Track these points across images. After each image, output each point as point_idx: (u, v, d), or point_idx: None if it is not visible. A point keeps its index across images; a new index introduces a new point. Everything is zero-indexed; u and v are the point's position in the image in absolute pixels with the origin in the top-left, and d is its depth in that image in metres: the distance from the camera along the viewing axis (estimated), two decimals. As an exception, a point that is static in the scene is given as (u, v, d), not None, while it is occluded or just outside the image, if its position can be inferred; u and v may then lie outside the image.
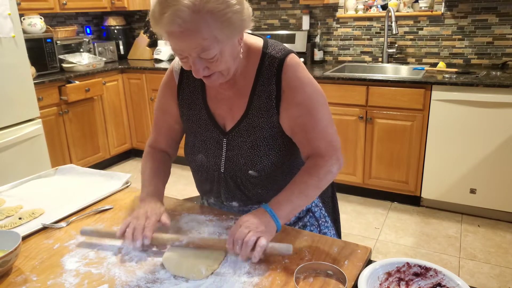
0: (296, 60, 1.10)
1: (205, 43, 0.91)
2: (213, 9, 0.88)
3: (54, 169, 1.54)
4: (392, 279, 0.90)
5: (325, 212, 1.33)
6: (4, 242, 0.99)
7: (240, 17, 0.94)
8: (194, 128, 1.20)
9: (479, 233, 2.68)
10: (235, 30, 0.94)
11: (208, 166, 1.19)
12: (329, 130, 1.12)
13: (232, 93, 1.13)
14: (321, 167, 1.09)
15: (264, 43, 1.12)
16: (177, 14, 0.87)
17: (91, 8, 3.88)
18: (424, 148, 2.84)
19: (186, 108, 1.20)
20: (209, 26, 0.89)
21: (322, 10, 3.57)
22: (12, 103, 2.76)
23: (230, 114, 1.14)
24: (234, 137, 1.14)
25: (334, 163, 1.11)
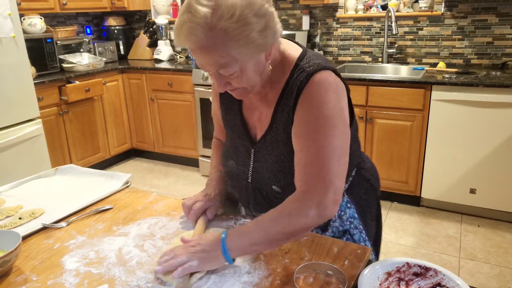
0: (327, 78, 0.98)
1: (222, 60, 0.89)
2: (226, 28, 0.85)
3: (54, 169, 1.54)
4: (392, 279, 0.90)
5: (365, 235, 1.20)
6: (4, 242, 0.99)
7: (263, 35, 0.89)
8: (229, 133, 1.20)
9: (479, 233, 2.68)
10: (256, 49, 0.90)
11: (238, 173, 1.17)
12: (329, 166, 0.94)
13: (262, 103, 1.09)
14: (297, 206, 0.94)
15: (301, 54, 1.03)
16: (191, 31, 0.85)
17: (91, 8, 3.88)
18: (424, 148, 2.84)
19: (224, 113, 1.20)
20: (224, 44, 0.86)
21: (322, 10, 3.57)
22: (12, 103, 2.76)
23: (259, 124, 1.11)
24: (261, 149, 1.10)
25: (313, 207, 0.92)
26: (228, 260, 0.92)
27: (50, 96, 3.23)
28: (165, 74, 3.70)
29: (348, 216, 1.17)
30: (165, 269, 0.90)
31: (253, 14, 0.86)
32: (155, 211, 1.24)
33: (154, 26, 4.16)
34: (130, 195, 1.34)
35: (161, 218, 1.20)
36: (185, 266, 0.89)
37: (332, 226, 1.16)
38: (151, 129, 3.96)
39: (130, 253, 1.02)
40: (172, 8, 4.11)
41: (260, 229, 0.93)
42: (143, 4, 4.11)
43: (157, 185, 3.51)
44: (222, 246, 0.91)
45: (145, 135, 4.02)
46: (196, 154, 3.71)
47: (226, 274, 0.93)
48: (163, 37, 4.08)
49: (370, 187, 1.25)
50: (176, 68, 3.65)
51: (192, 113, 3.64)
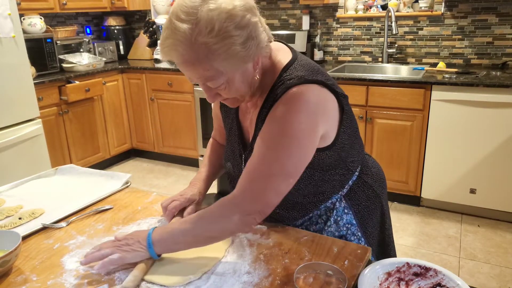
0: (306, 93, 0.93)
1: (207, 73, 0.89)
2: (207, 43, 0.84)
3: (54, 169, 1.54)
4: (392, 279, 0.90)
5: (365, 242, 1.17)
6: (4, 242, 0.99)
7: (245, 46, 0.87)
8: (227, 136, 1.22)
9: (479, 233, 2.68)
10: (239, 61, 0.89)
11: (234, 175, 1.19)
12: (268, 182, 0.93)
13: (254, 111, 1.09)
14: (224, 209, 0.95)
15: (288, 63, 1.01)
16: (173, 47, 0.86)
17: (91, 8, 3.88)
18: (424, 148, 2.84)
19: (224, 115, 1.22)
20: (207, 58, 0.86)
21: (322, 10, 3.57)
22: (12, 103, 2.76)
23: (251, 130, 1.11)
24: (249, 154, 1.08)
25: (238, 212, 0.93)
26: (152, 255, 0.94)
27: (50, 96, 3.23)
28: (165, 74, 3.70)
29: (345, 221, 1.15)
30: (87, 261, 0.94)
31: (233, 26, 0.85)
32: (155, 211, 1.24)
33: (154, 26, 4.16)
34: (130, 195, 1.34)
35: (161, 218, 1.20)
36: (106, 260, 0.92)
37: (327, 231, 1.14)
38: (151, 129, 3.96)
39: (130, 253, 1.02)
40: (172, 8, 4.11)
41: (184, 230, 0.96)
42: (143, 4, 4.11)
43: (157, 185, 3.51)
44: (147, 240, 0.94)
45: (145, 135, 4.02)
46: (196, 154, 3.71)
47: (226, 274, 0.93)
48: (163, 37, 4.07)
49: (372, 194, 1.20)
50: (176, 68, 3.65)
51: (192, 113, 3.64)
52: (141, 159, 4.21)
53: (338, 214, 1.14)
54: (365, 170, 1.20)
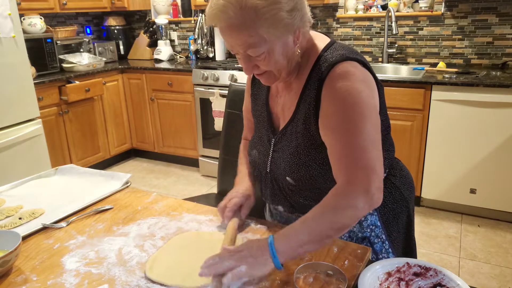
0: (349, 68, 0.96)
1: (250, 40, 0.90)
2: (256, 5, 0.87)
3: (54, 169, 1.53)
4: (392, 279, 0.89)
5: (389, 246, 1.14)
6: (4, 242, 0.99)
7: (291, 15, 0.90)
8: (256, 123, 1.22)
9: (479, 233, 2.68)
10: (284, 29, 0.91)
11: (259, 163, 1.19)
12: (367, 153, 0.91)
13: (287, 93, 1.10)
14: (342, 198, 0.91)
15: (328, 44, 1.03)
16: (223, 9, 0.88)
17: (91, 8, 3.88)
18: (424, 148, 2.84)
19: (254, 103, 1.23)
20: (254, 23, 0.88)
21: (322, 10, 3.57)
22: (12, 103, 2.76)
23: (283, 115, 1.12)
24: (281, 139, 1.11)
25: (360, 196, 0.90)
26: (277, 265, 0.85)
27: (50, 96, 3.23)
28: (165, 74, 3.70)
29: (369, 223, 1.12)
30: (211, 272, 0.85)
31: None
32: (155, 211, 1.24)
33: (154, 26, 4.16)
34: (130, 195, 1.34)
35: (161, 218, 1.20)
36: (235, 271, 0.83)
37: (349, 230, 1.12)
38: (151, 129, 3.96)
39: (130, 253, 1.02)
40: (172, 8, 4.11)
41: (307, 229, 0.89)
42: (143, 4, 4.11)
43: (157, 185, 3.51)
44: (270, 250, 0.85)
45: (145, 135, 4.02)
46: (196, 154, 3.71)
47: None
48: (163, 37, 4.08)
49: (399, 197, 1.17)
50: (176, 68, 3.65)
51: (192, 113, 3.64)
52: (141, 159, 4.21)
53: None
54: (393, 172, 1.19)
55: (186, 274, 0.93)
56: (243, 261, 0.85)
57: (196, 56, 4.03)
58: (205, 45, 3.90)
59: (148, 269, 0.94)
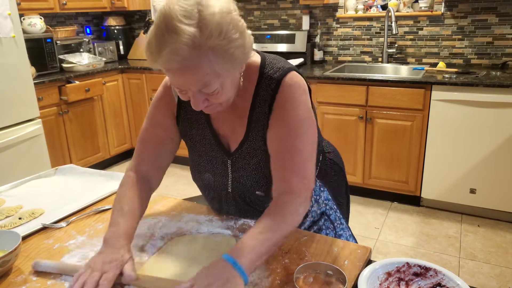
0: (295, 79, 1.02)
1: (206, 78, 0.87)
2: (215, 46, 0.84)
3: (54, 169, 1.54)
4: (392, 279, 0.90)
5: (340, 214, 1.29)
6: (4, 242, 0.99)
7: (243, 50, 0.89)
8: (198, 147, 1.16)
9: (479, 233, 2.68)
10: (236, 64, 0.91)
11: (216, 185, 1.17)
12: (307, 165, 1.01)
13: (233, 115, 1.08)
14: (288, 206, 0.97)
15: (262, 61, 1.05)
16: (175, 52, 0.82)
17: (91, 8, 3.88)
18: (424, 148, 2.84)
19: (188, 127, 1.15)
20: (210, 61, 0.85)
21: (322, 10, 3.57)
22: (12, 103, 2.76)
23: (233, 135, 1.10)
24: (238, 159, 1.10)
25: (302, 203, 0.99)
26: (246, 282, 0.86)
27: (50, 96, 3.23)
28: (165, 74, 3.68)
29: (323, 199, 1.25)
30: None
31: (235, 30, 0.86)
32: (155, 211, 1.24)
33: (154, 26, 4.15)
34: (130, 195, 1.34)
35: (161, 218, 1.20)
36: None
37: (311, 211, 1.23)
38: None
39: (130, 253, 1.02)
40: (172, 8, 4.11)
41: (263, 242, 0.91)
42: (143, 4, 4.10)
43: (157, 185, 3.51)
44: (238, 270, 0.85)
45: (145, 135, 4.01)
46: (196, 154, 3.71)
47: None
48: (163, 37, 4.07)
49: (338, 169, 1.34)
50: (176, 68, 3.64)
51: (192, 113, 3.64)
52: (141, 159, 4.21)
53: (316, 193, 1.24)
54: (327, 149, 1.33)
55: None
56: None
57: (196, 56, 4.03)
58: (205, 45, 3.90)
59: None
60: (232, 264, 0.85)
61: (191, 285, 0.82)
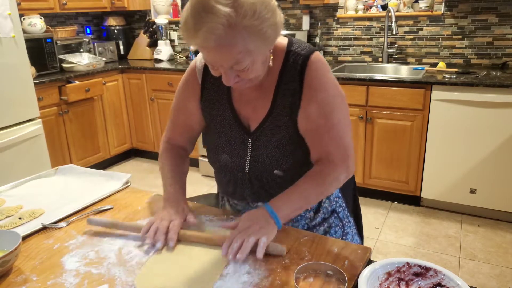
0: (321, 58, 1.08)
1: (238, 56, 0.92)
2: (249, 25, 0.89)
3: (54, 169, 1.53)
4: (392, 279, 0.90)
5: (347, 212, 1.31)
6: (4, 242, 0.99)
7: (275, 29, 0.95)
8: (217, 128, 1.19)
9: (479, 233, 2.68)
10: (268, 42, 0.96)
11: (233, 166, 1.18)
12: (345, 136, 1.10)
13: (257, 93, 1.12)
14: (329, 174, 1.10)
15: (289, 41, 1.11)
16: (212, 31, 0.87)
17: (91, 8, 3.88)
18: (424, 148, 2.84)
19: (209, 108, 1.19)
20: (244, 40, 0.90)
21: (322, 10, 3.57)
22: (12, 103, 2.76)
23: (254, 114, 1.14)
24: (259, 137, 1.13)
25: (343, 172, 1.11)
26: (279, 227, 1.03)
27: (50, 96, 3.23)
28: (165, 74, 3.70)
29: (334, 196, 1.28)
30: (244, 255, 0.94)
31: (267, 10, 0.91)
32: (155, 211, 1.24)
33: (154, 26, 4.16)
34: (130, 195, 1.34)
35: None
36: (261, 244, 0.95)
37: (323, 207, 1.25)
38: (151, 129, 3.96)
39: (130, 253, 1.02)
40: (172, 8, 4.11)
41: (300, 198, 1.06)
42: (143, 4, 4.11)
43: (157, 185, 3.51)
44: (274, 218, 1.02)
45: (145, 135, 4.02)
46: (196, 154, 3.71)
47: (226, 274, 0.93)
48: (163, 37, 4.08)
49: None
50: (176, 68, 3.65)
51: (192, 113, 3.64)
52: (141, 159, 4.21)
53: None
54: None
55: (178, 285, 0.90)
56: (260, 232, 0.98)
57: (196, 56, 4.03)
58: (205, 45, 3.90)
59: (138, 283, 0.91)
60: (270, 212, 1.03)
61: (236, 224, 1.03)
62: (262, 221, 1.01)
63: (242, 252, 0.94)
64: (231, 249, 0.95)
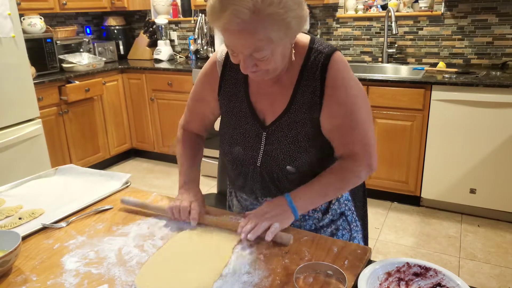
0: (342, 58, 1.09)
1: (259, 43, 0.93)
2: (273, 13, 0.89)
3: (54, 169, 1.53)
4: (392, 279, 0.90)
5: (356, 216, 1.31)
6: (4, 242, 0.99)
7: (299, 21, 0.95)
8: (233, 120, 1.20)
9: (479, 233, 2.68)
10: (291, 33, 0.96)
11: (245, 159, 1.18)
12: (368, 134, 1.12)
13: (275, 88, 1.13)
14: (350, 171, 1.12)
15: (311, 39, 1.11)
16: (237, 14, 0.88)
17: (91, 8, 3.88)
18: (424, 148, 2.84)
19: (226, 100, 1.20)
20: (266, 28, 0.91)
21: (322, 10, 3.57)
22: (12, 103, 2.75)
23: (271, 109, 1.14)
24: (275, 131, 1.13)
25: (364, 169, 1.13)
26: (296, 217, 1.07)
27: (50, 96, 3.23)
28: (165, 74, 3.70)
29: (344, 199, 1.27)
30: (256, 235, 1.00)
31: (294, 1, 0.92)
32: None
33: (154, 26, 4.16)
34: (130, 195, 1.34)
35: (161, 218, 1.19)
36: (272, 229, 1.00)
37: (332, 208, 1.24)
38: (151, 129, 3.96)
39: (130, 253, 1.02)
40: (172, 8, 4.11)
41: (319, 193, 1.10)
42: (143, 4, 4.11)
43: (157, 185, 3.51)
44: (292, 208, 1.06)
45: (145, 135, 4.02)
46: (196, 154, 3.70)
47: (226, 274, 0.93)
48: (163, 37, 4.08)
49: None
50: (176, 68, 3.65)
51: (192, 113, 3.64)
52: (141, 159, 4.21)
53: None
54: None
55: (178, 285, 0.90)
56: (274, 219, 1.03)
57: (196, 56, 4.03)
58: (205, 45, 3.90)
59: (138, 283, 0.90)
60: (288, 202, 1.07)
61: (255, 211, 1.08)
62: (279, 209, 1.06)
63: (254, 233, 1.00)
64: (245, 229, 1.01)
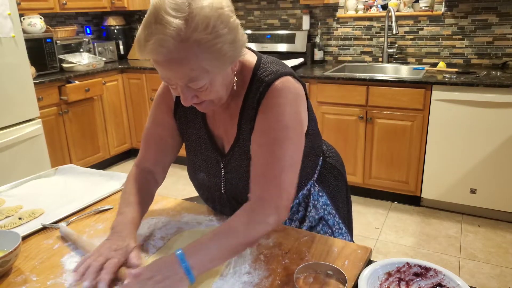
0: (286, 84, 0.98)
1: (192, 73, 0.86)
2: (200, 39, 0.82)
3: (54, 169, 1.53)
4: (392, 279, 0.89)
5: (339, 218, 1.26)
6: (4, 242, 0.99)
7: (232, 47, 0.88)
8: (194, 146, 1.15)
9: (479, 233, 2.68)
10: (226, 61, 0.89)
11: (210, 185, 1.16)
12: (284, 175, 0.96)
13: (226, 115, 1.07)
14: (256, 214, 0.94)
15: (257, 63, 1.03)
16: (161, 43, 0.81)
17: (91, 8, 3.88)
18: (424, 148, 2.84)
19: (185, 126, 1.15)
20: (196, 56, 0.84)
21: (322, 10, 3.57)
22: (12, 103, 2.75)
23: (226, 136, 1.10)
24: (231, 160, 1.09)
25: (272, 213, 0.94)
26: (191, 280, 0.84)
27: (50, 96, 3.23)
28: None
29: (321, 204, 1.23)
30: None
31: (224, 26, 0.85)
32: (155, 211, 1.24)
33: (154, 26, 4.15)
34: (130, 195, 1.34)
35: (161, 218, 1.20)
36: None
37: (308, 216, 1.21)
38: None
39: (130, 253, 1.02)
40: (172, 8, 4.10)
41: (218, 244, 0.89)
42: (143, 4, 4.10)
43: (157, 185, 3.50)
44: (184, 266, 0.84)
45: (145, 135, 4.01)
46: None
47: (226, 274, 0.93)
48: (163, 37, 4.07)
49: (337, 173, 1.30)
50: (176, 68, 3.64)
51: (192, 113, 3.64)
52: (141, 159, 4.21)
53: (315, 198, 1.21)
54: (327, 153, 1.29)
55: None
56: (160, 285, 0.82)
57: (196, 56, 4.03)
58: (205, 45, 3.90)
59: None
60: (180, 261, 0.85)
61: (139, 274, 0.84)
62: (168, 271, 0.84)
63: None
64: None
